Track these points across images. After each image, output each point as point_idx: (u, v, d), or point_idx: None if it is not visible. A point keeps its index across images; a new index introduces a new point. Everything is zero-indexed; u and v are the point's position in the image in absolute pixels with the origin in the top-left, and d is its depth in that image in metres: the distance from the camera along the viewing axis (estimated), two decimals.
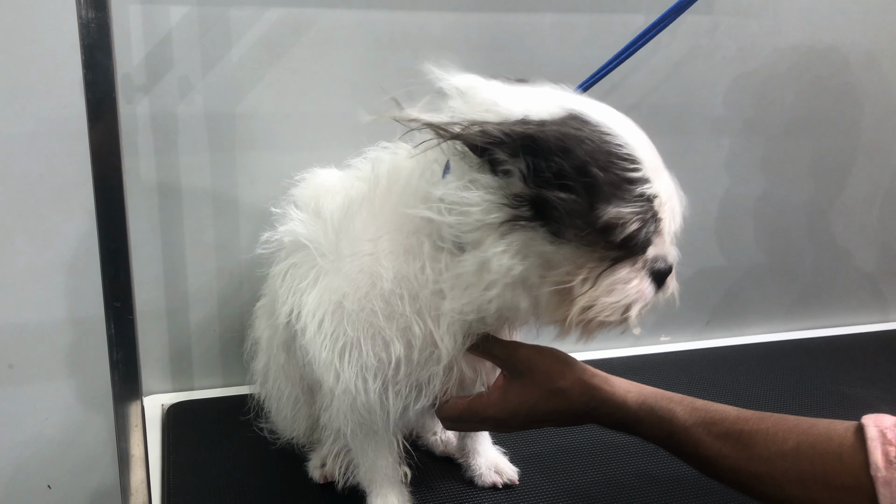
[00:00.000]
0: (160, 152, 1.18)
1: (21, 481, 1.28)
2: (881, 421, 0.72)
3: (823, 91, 1.55)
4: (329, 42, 1.21)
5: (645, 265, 0.78)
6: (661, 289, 0.81)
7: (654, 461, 1.09)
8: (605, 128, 0.75)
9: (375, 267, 0.82)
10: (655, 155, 0.78)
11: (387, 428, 0.90)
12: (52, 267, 1.19)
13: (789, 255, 1.65)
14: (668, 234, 0.79)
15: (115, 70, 0.71)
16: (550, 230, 0.75)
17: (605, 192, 0.73)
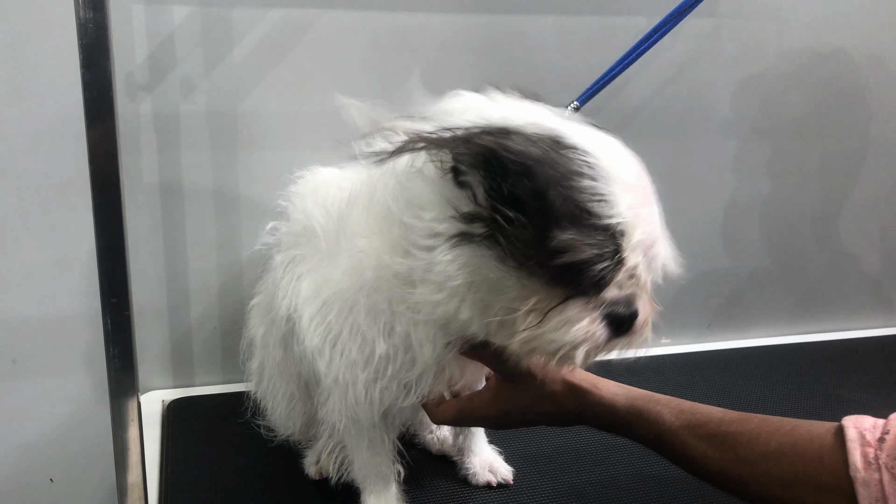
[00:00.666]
0: (163, 151, 1.20)
1: (24, 475, 1.29)
2: (861, 422, 0.73)
3: (830, 93, 1.55)
4: (330, 42, 1.22)
5: (600, 306, 0.72)
6: (622, 335, 0.75)
7: (648, 462, 1.09)
8: (581, 154, 0.70)
9: (365, 263, 0.82)
10: (643, 192, 0.72)
11: (374, 424, 0.91)
12: (56, 263, 1.20)
13: (795, 259, 1.65)
14: (640, 277, 0.73)
15: (114, 70, 0.72)
16: (499, 253, 0.71)
17: (560, 220, 0.68)
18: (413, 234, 0.76)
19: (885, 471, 0.69)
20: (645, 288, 0.74)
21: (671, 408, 0.86)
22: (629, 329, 0.75)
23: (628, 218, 0.69)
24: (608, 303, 0.72)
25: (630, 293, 0.73)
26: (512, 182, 0.69)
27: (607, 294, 0.72)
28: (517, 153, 0.69)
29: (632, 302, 0.74)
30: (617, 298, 0.73)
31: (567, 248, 0.68)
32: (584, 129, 0.74)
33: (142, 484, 0.85)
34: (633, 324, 0.75)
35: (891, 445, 0.69)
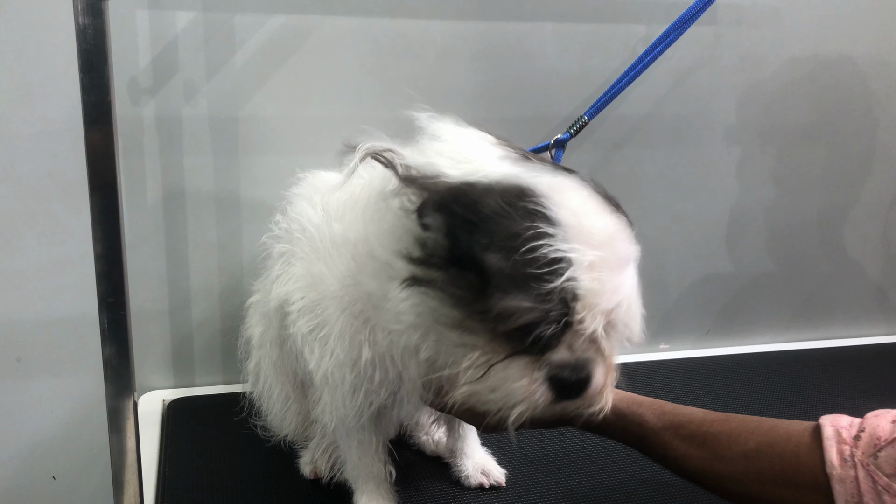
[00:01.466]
0: (165, 154, 1.22)
1: (27, 472, 1.31)
2: (837, 421, 0.75)
3: (835, 100, 1.55)
4: (331, 48, 1.24)
5: (544, 368, 0.70)
6: (570, 399, 0.72)
7: (640, 465, 1.08)
8: (544, 211, 0.67)
9: (352, 270, 0.83)
10: (610, 254, 0.68)
11: (363, 425, 0.92)
12: (59, 263, 1.22)
13: (797, 265, 1.65)
14: (597, 342, 0.70)
15: (112, 74, 0.73)
16: (446, 303, 0.70)
17: (504, 280, 0.66)
18: (376, 261, 0.76)
19: (860, 468, 0.70)
20: (602, 353, 0.72)
21: (654, 409, 0.88)
22: (578, 394, 0.72)
23: (585, 282, 0.66)
24: (554, 365, 0.70)
25: (582, 357, 0.71)
26: (461, 236, 0.68)
27: (555, 356, 0.70)
28: (470, 208, 0.68)
29: (583, 367, 0.71)
30: (566, 361, 0.70)
31: (509, 310, 0.66)
32: (558, 183, 0.70)
33: (137, 482, 0.86)
34: (582, 389, 0.72)
35: (866, 443, 0.71)
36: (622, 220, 0.72)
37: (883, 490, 0.68)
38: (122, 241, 0.77)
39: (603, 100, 1.09)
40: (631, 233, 0.72)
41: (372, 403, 0.88)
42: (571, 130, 1.07)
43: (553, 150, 1.06)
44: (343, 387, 0.87)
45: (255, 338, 1.08)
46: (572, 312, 0.67)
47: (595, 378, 0.72)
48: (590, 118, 1.09)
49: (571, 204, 0.69)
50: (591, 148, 1.41)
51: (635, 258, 0.72)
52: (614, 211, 0.72)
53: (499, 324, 0.67)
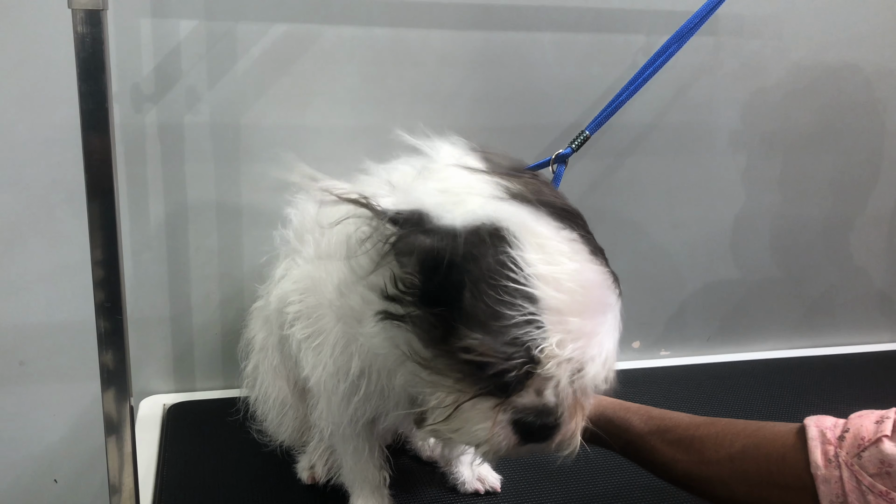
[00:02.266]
0: (167, 161, 1.23)
1: (29, 475, 1.32)
2: (822, 422, 0.76)
3: (840, 108, 1.55)
4: (332, 57, 1.25)
5: (508, 410, 0.70)
6: (536, 442, 0.72)
7: (635, 472, 1.07)
8: (516, 253, 0.67)
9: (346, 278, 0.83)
10: (583, 303, 0.67)
11: (357, 432, 0.93)
12: (63, 269, 1.23)
13: (802, 271, 1.65)
14: (568, 387, 0.69)
15: (110, 82, 0.75)
16: (416, 341, 0.70)
17: (470, 320, 0.66)
18: (356, 290, 0.77)
19: (844, 468, 0.71)
20: (572, 398, 0.71)
21: (640, 415, 0.89)
22: (544, 439, 0.72)
23: (551, 329, 0.66)
24: (519, 409, 0.70)
25: (549, 402, 0.70)
26: (433, 276, 0.68)
27: (520, 400, 0.70)
28: (444, 251, 0.67)
29: (549, 413, 0.70)
30: (531, 406, 0.70)
31: (473, 351, 0.66)
32: (538, 228, 0.69)
33: (133, 487, 0.87)
34: (548, 435, 0.72)
35: (850, 443, 0.72)
36: (602, 269, 0.71)
37: (867, 490, 0.69)
38: (119, 247, 0.78)
39: (604, 114, 1.08)
40: (611, 283, 0.71)
41: (365, 412, 0.89)
42: (573, 145, 1.06)
43: (554, 165, 1.05)
44: (336, 396, 0.88)
45: (257, 342, 1.09)
46: (536, 359, 0.66)
47: (562, 425, 0.71)
48: (591, 133, 1.08)
49: (547, 251, 0.68)
50: (594, 156, 1.41)
51: (613, 308, 0.71)
52: (594, 260, 0.71)
53: (464, 365, 0.68)
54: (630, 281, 1.51)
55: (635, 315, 1.56)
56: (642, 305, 1.57)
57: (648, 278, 1.55)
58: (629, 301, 1.52)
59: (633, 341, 1.59)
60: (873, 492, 0.69)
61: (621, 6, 1.36)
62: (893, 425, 0.71)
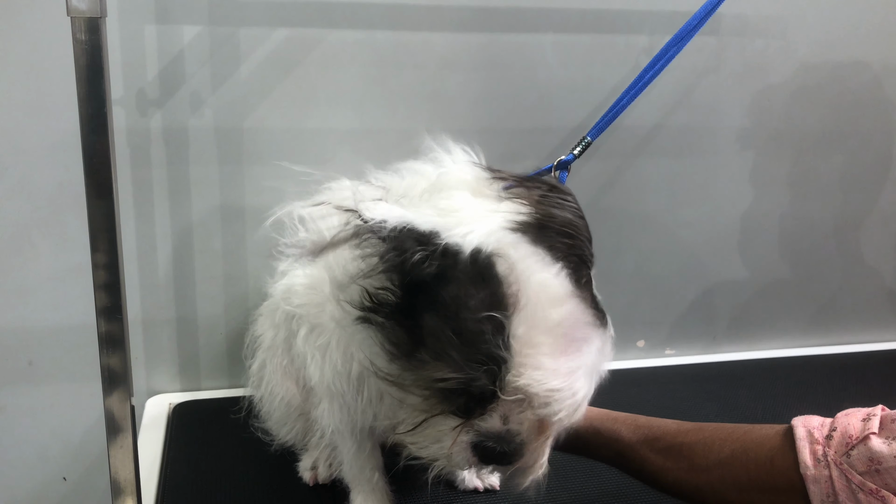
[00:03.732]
0: (172, 163, 1.25)
1: (38, 473, 1.35)
2: (809, 421, 0.76)
3: (848, 106, 1.55)
4: (334, 60, 1.26)
5: (471, 434, 0.71)
6: (497, 465, 0.73)
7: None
8: (494, 283, 0.67)
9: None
10: (553, 335, 0.67)
11: (357, 431, 0.94)
12: (71, 270, 1.26)
13: (811, 270, 1.65)
14: (528, 421, 0.69)
15: (109, 87, 0.76)
16: (385, 355, 0.71)
17: (438, 339, 0.67)
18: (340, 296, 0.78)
19: (833, 467, 0.71)
20: (538, 427, 0.71)
21: (628, 424, 0.89)
22: (504, 464, 0.73)
23: (520, 360, 0.66)
24: (481, 432, 0.70)
25: (513, 430, 0.70)
26: (409, 292, 0.69)
27: (483, 423, 0.70)
28: (413, 264, 0.68)
29: (510, 440, 0.70)
30: (493, 431, 0.70)
31: (437, 370, 0.67)
32: (527, 258, 0.69)
33: (135, 485, 0.88)
34: (508, 461, 0.72)
35: (838, 442, 0.72)
36: (582, 309, 0.70)
37: (857, 488, 0.69)
38: (119, 249, 0.80)
39: (605, 119, 1.08)
40: (591, 322, 0.71)
41: (366, 413, 0.89)
42: (575, 151, 1.05)
43: (556, 172, 1.04)
44: (340, 398, 0.89)
45: (266, 340, 1.10)
46: (501, 383, 0.66)
47: (523, 454, 0.72)
48: (593, 138, 1.07)
49: (529, 285, 0.68)
50: (600, 158, 1.42)
51: (591, 346, 0.70)
52: (578, 297, 0.70)
53: (431, 382, 0.68)
54: (636, 280, 1.54)
55: (640, 314, 1.57)
56: (648, 304, 1.57)
57: (654, 278, 1.55)
58: (634, 300, 1.54)
59: (638, 340, 1.59)
60: (863, 490, 0.69)
61: (623, 7, 1.36)
62: (880, 422, 0.71)
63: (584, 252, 0.73)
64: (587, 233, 0.76)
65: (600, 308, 0.73)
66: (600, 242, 0.91)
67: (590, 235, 0.77)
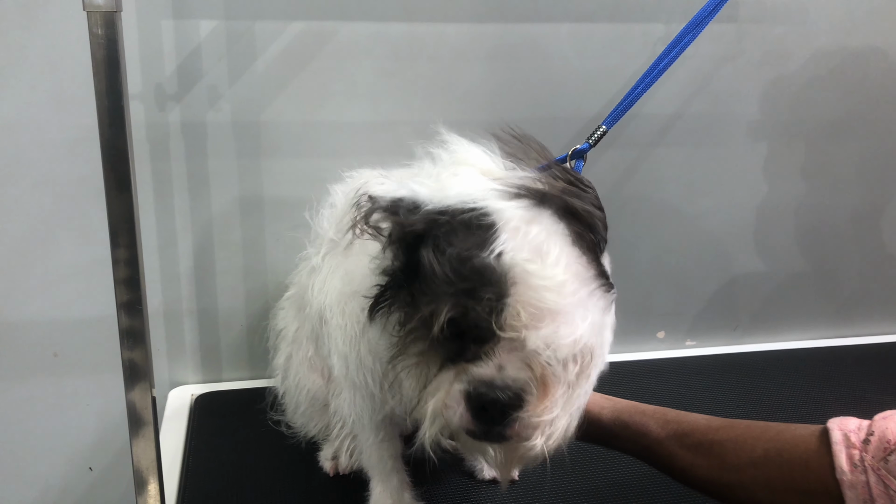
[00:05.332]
0: (190, 157, 1.26)
1: (64, 463, 1.37)
2: (845, 424, 0.73)
3: (866, 94, 1.53)
4: (349, 53, 1.27)
5: (465, 380, 0.67)
6: (489, 426, 0.68)
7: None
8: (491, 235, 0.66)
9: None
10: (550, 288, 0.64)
11: (378, 421, 0.95)
12: (94, 263, 1.28)
13: (831, 261, 1.63)
14: (537, 369, 0.66)
15: (125, 80, 0.77)
16: (396, 315, 0.71)
17: (438, 280, 0.65)
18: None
19: (871, 472, 0.68)
20: (540, 382, 0.67)
21: (657, 418, 0.86)
22: (499, 420, 0.67)
23: (517, 302, 0.64)
24: (475, 379, 0.67)
25: (509, 376, 0.66)
26: (413, 250, 0.68)
27: (478, 369, 0.67)
28: (412, 225, 0.68)
29: (506, 387, 0.66)
30: (487, 376, 0.66)
31: (436, 304, 0.65)
32: (528, 216, 0.68)
33: (157, 475, 0.90)
34: (503, 415, 0.67)
35: (875, 447, 0.69)
36: (584, 264, 0.68)
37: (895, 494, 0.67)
38: (139, 243, 0.81)
39: (620, 108, 1.06)
40: (591, 277, 0.69)
41: (386, 403, 0.90)
42: (590, 140, 1.04)
43: (572, 161, 1.02)
44: (362, 388, 0.90)
45: (291, 333, 1.11)
46: (496, 319, 0.64)
47: (521, 408, 0.67)
48: (608, 127, 1.06)
49: (528, 236, 0.66)
50: (617, 147, 1.41)
51: (585, 303, 0.68)
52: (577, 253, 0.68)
53: (429, 327, 0.66)
54: (655, 271, 1.53)
55: (660, 305, 1.56)
56: (667, 295, 1.56)
57: (673, 268, 1.55)
58: (654, 290, 1.53)
59: (658, 331, 1.59)
60: None
61: None
62: None
63: (593, 233, 0.72)
64: (603, 223, 0.74)
65: (607, 278, 0.72)
66: (618, 233, 0.91)
67: (605, 226, 0.75)
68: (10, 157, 1.22)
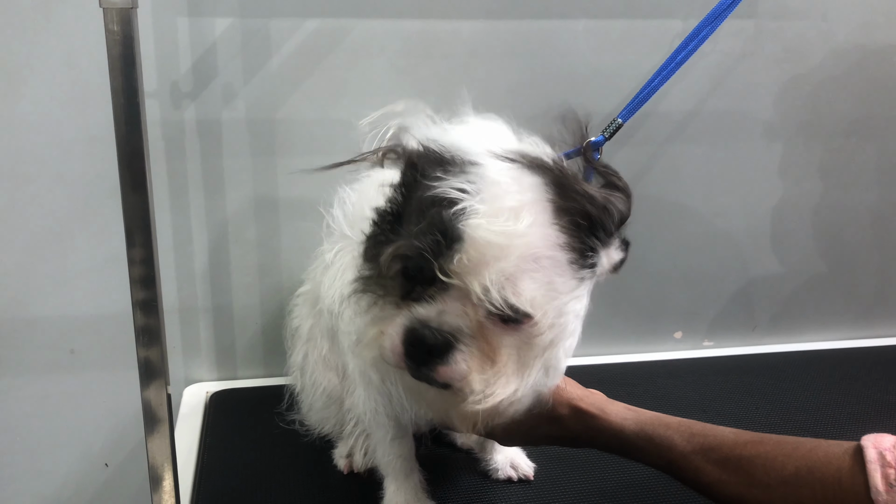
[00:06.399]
0: (206, 155, 1.26)
1: (81, 459, 1.38)
2: (880, 442, 0.71)
3: (885, 91, 1.51)
4: (363, 50, 1.27)
5: (407, 316, 0.68)
6: (421, 367, 0.68)
7: None
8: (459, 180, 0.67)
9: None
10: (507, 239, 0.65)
11: (391, 419, 0.94)
12: (109, 260, 1.28)
13: (849, 261, 1.61)
14: (478, 319, 0.67)
15: (141, 77, 0.77)
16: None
17: (400, 229, 0.69)
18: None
19: None
20: (481, 333, 0.68)
21: (682, 431, 0.84)
22: (430, 361, 0.68)
23: (466, 244, 0.65)
24: (415, 316, 0.68)
25: (448, 320, 0.67)
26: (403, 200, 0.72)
27: (420, 309, 0.68)
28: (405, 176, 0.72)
29: (440, 329, 0.67)
30: (425, 316, 0.67)
31: (391, 243, 0.68)
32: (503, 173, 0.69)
33: (172, 472, 0.90)
34: (434, 357, 0.68)
35: None
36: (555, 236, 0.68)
37: None
38: (154, 243, 0.81)
39: (636, 101, 1.05)
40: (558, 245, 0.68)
41: (400, 400, 0.89)
42: (605, 133, 1.02)
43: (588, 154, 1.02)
44: (377, 385, 0.90)
45: (305, 329, 1.11)
46: (443, 261, 0.65)
47: (452, 351, 0.68)
48: (624, 121, 1.04)
49: (497, 187, 0.67)
50: (634, 145, 1.40)
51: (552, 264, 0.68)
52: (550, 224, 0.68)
53: (386, 263, 0.68)
54: (672, 270, 1.52)
55: (677, 305, 1.55)
56: (684, 295, 1.55)
57: (691, 268, 1.53)
58: (671, 290, 1.52)
59: (675, 331, 1.57)
60: None
61: None
62: None
63: (589, 219, 0.71)
64: (612, 216, 0.73)
65: (591, 263, 0.71)
66: (635, 231, 0.89)
67: (616, 222, 0.74)
68: (27, 155, 1.22)
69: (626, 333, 1.54)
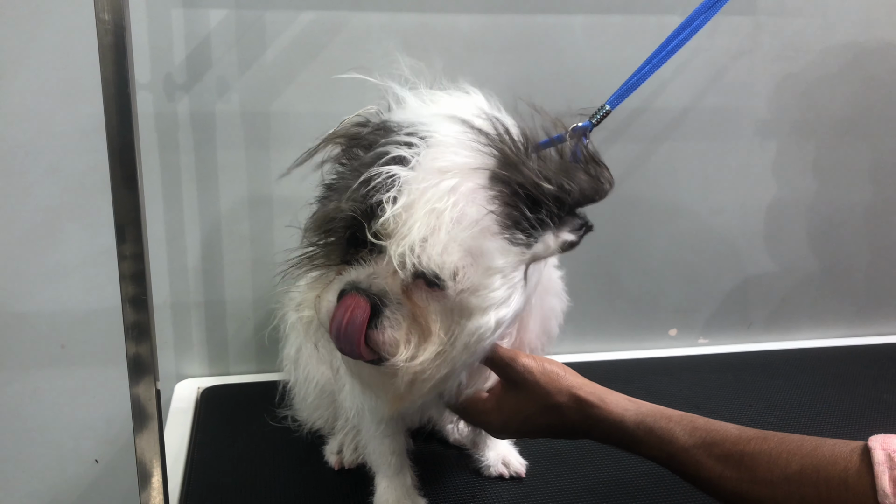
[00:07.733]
0: (199, 148, 1.25)
1: (71, 455, 1.37)
2: (888, 443, 0.69)
3: (880, 90, 1.51)
4: (360, 43, 1.26)
5: (342, 280, 0.71)
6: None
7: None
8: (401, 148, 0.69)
9: None
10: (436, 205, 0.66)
11: (381, 415, 0.93)
12: (101, 255, 1.27)
13: (843, 259, 1.61)
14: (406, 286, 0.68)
15: (132, 69, 0.76)
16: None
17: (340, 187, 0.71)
18: None
19: None
20: (408, 299, 0.69)
21: (684, 425, 0.82)
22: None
23: (395, 211, 0.66)
24: (347, 280, 0.70)
25: (375, 284, 0.69)
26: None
27: (353, 273, 0.70)
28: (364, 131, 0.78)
29: (371, 289, 0.69)
30: (355, 280, 0.69)
31: (325, 206, 0.71)
32: (449, 137, 0.71)
33: (161, 468, 0.89)
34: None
35: None
36: (485, 206, 0.69)
37: None
38: (144, 239, 0.80)
39: (625, 87, 1.02)
40: (487, 214, 0.69)
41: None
42: (593, 120, 1.00)
43: (572, 140, 1.01)
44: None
45: (301, 322, 1.10)
46: (376, 221, 0.66)
47: (382, 316, 0.69)
48: (612, 107, 1.02)
49: (437, 142, 0.70)
50: (629, 141, 1.40)
51: (482, 234, 0.69)
52: (483, 192, 0.69)
53: (321, 227, 0.71)
54: (666, 267, 1.51)
55: (672, 302, 1.54)
56: (679, 292, 1.54)
57: (686, 265, 1.53)
58: (665, 287, 1.51)
59: (670, 328, 1.57)
60: None
61: None
62: None
63: (535, 189, 0.71)
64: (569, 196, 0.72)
65: (524, 236, 0.71)
66: (630, 229, 0.89)
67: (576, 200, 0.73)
68: (18, 148, 1.21)
69: (620, 330, 1.53)
